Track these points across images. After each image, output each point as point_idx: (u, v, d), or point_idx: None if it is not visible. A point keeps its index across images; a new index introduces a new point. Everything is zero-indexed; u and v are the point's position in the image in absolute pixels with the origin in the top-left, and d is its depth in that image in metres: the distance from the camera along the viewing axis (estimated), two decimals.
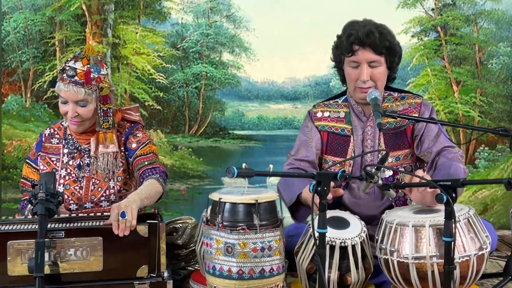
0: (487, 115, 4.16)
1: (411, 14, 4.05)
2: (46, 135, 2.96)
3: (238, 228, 2.28)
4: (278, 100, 4.17)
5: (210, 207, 2.42)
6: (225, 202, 2.33)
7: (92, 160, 2.87)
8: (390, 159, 2.81)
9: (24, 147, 4.13)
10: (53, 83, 2.82)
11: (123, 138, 2.91)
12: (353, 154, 2.86)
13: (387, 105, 2.89)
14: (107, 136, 2.86)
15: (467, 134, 4.14)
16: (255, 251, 2.28)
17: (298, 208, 2.70)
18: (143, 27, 4.11)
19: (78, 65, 2.77)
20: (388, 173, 2.83)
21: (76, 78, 2.75)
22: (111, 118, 2.86)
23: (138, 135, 2.91)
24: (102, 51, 4.11)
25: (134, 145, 2.88)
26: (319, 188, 2.09)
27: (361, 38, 2.75)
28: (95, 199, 2.84)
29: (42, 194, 2.35)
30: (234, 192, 2.43)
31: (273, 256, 2.30)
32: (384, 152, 2.43)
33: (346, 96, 2.98)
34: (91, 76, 2.77)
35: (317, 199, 2.15)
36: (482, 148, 4.18)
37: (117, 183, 2.87)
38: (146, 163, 2.83)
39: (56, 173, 2.83)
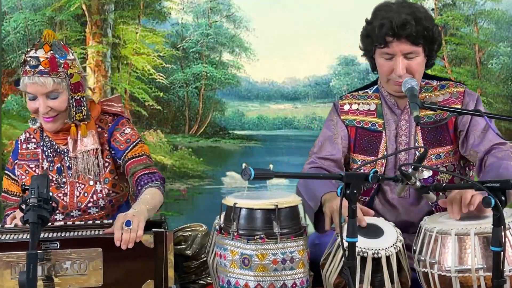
0: None
1: None
2: (22, 140, 2.69)
3: (255, 237, 2.02)
4: (278, 100, 4.17)
5: (223, 213, 2.16)
6: (240, 208, 2.07)
7: (72, 162, 2.57)
8: (429, 158, 2.50)
9: None
10: (16, 82, 2.54)
11: (106, 135, 2.60)
12: (385, 152, 2.54)
13: (425, 95, 2.56)
14: (80, 129, 2.54)
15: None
16: (275, 263, 2.02)
17: (321, 216, 2.37)
18: (143, 27, 4.11)
19: (40, 53, 2.46)
20: (427, 173, 2.51)
21: (40, 67, 2.44)
22: (85, 108, 2.53)
23: (126, 131, 2.60)
24: (102, 51, 4.11)
25: (122, 145, 2.58)
26: (347, 192, 1.85)
27: (395, 30, 2.42)
28: (82, 206, 2.56)
29: (34, 200, 2.06)
30: (251, 196, 2.18)
31: (296, 268, 2.05)
32: (422, 150, 2.20)
33: (377, 85, 2.65)
34: (57, 62, 2.46)
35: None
36: None
37: (105, 186, 2.57)
38: (141, 167, 2.54)
39: None
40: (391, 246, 2.14)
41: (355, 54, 4.06)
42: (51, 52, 2.48)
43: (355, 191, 1.85)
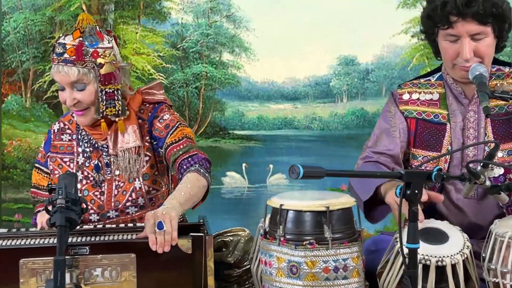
0: None
1: (411, 14, 4.04)
2: (55, 131, 2.48)
3: (304, 243, 1.84)
4: (278, 100, 4.17)
5: (268, 216, 1.98)
6: (287, 210, 1.89)
7: (112, 159, 2.37)
8: (500, 154, 2.23)
9: (24, 147, 4.12)
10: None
11: (146, 126, 2.39)
12: (450, 147, 2.29)
13: (495, 83, 2.31)
14: (115, 126, 2.30)
15: None
16: (327, 271, 1.84)
17: (374, 206, 2.21)
18: (143, 27, 4.11)
19: (68, 40, 2.26)
20: (498, 171, 2.24)
21: (65, 55, 2.24)
22: (119, 103, 2.30)
23: (165, 117, 2.38)
24: None
25: (162, 132, 2.35)
26: (408, 192, 1.67)
27: (460, 8, 2.15)
28: (120, 206, 2.37)
29: (62, 201, 1.87)
30: (299, 197, 2.02)
31: (350, 278, 1.86)
32: (492, 145, 2.00)
33: (441, 72, 2.41)
34: (83, 50, 2.24)
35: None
36: None
37: (145, 183, 2.37)
38: (180, 152, 2.30)
39: None
40: (457, 253, 1.94)
41: (355, 54, 4.06)
42: (80, 39, 2.25)
43: (416, 191, 1.66)
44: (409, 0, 4.05)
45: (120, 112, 2.31)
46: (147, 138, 2.38)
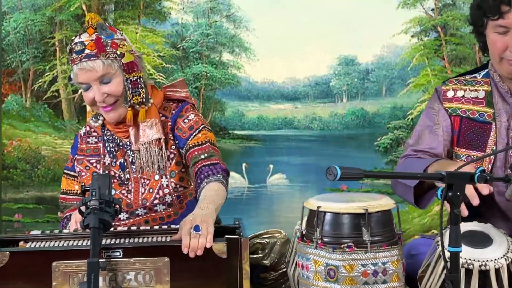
0: None
1: (411, 14, 4.05)
2: (82, 134, 2.49)
3: (342, 246, 1.80)
4: (278, 100, 4.17)
5: (305, 218, 1.94)
6: (325, 212, 1.84)
7: (135, 155, 2.35)
8: None
9: (24, 147, 4.12)
10: (68, 78, 2.36)
11: (170, 123, 2.37)
12: (494, 148, 2.22)
13: None
14: (139, 114, 2.29)
15: None
16: (366, 275, 1.79)
17: (421, 194, 2.14)
18: (143, 27, 4.11)
19: (84, 37, 2.26)
20: None
21: (86, 51, 2.22)
22: (143, 90, 2.29)
23: (189, 117, 2.36)
24: None
25: (185, 133, 2.33)
26: (449, 194, 1.62)
27: None
28: (147, 204, 2.34)
29: (95, 202, 1.83)
30: (337, 198, 1.94)
31: (390, 282, 1.80)
32: None
33: (487, 70, 2.33)
34: (103, 42, 2.24)
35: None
36: None
37: (171, 180, 2.34)
38: (202, 157, 2.28)
39: None
40: (502, 257, 1.86)
41: (355, 54, 4.06)
42: (96, 33, 2.25)
43: (458, 193, 1.61)
44: (409, 0, 4.06)
45: (144, 99, 2.30)
46: (171, 136, 2.36)
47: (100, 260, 1.76)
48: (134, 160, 2.35)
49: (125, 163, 2.38)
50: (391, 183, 2.33)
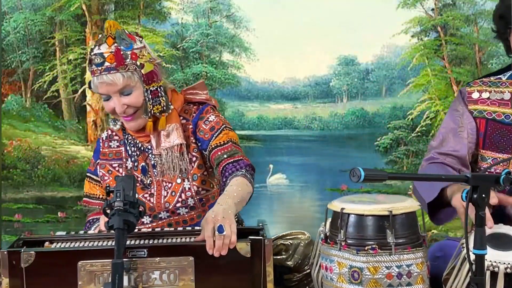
0: None
1: (411, 14, 4.05)
2: (104, 138, 2.49)
3: (366, 248, 1.79)
4: (278, 100, 4.17)
5: (329, 220, 1.93)
6: (349, 214, 1.84)
7: (157, 159, 2.35)
8: None
9: (24, 147, 4.13)
10: (89, 84, 2.32)
11: (190, 126, 2.36)
12: None
13: None
14: (159, 123, 2.28)
15: None
16: (390, 277, 1.78)
17: (439, 207, 2.12)
18: (143, 27, 4.11)
19: (104, 48, 2.22)
20: None
21: (106, 64, 2.20)
22: (163, 99, 2.28)
23: (210, 119, 2.35)
24: None
25: (207, 135, 2.32)
26: (474, 196, 1.60)
27: None
28: (170, 207, 2.34)
29: (120, 204, 1.84)
30: (361, 200, 1.94)
31: (414, 284, 1.80)
32: None
33: None
34: (122, 54, 2.21)
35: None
36: None
37: (194, 183, 2.33)
38: (225, 156, 2.28)
39: None
40: None
41: (355, 54, 4.06)
42: (115, 44, 2.22)
43: (483, 195, 1.59)
44: (409, 0, 4.06)
45: (165, 108, 2.30)
46: (192, 139, 2.36)
47: (124, 260, 1.77)
48: (155, 164, 2.35)
49: (147, 167, 2.38)
50: (412, 188, 2.32)
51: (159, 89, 2.28)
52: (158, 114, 2.30)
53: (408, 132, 4.03)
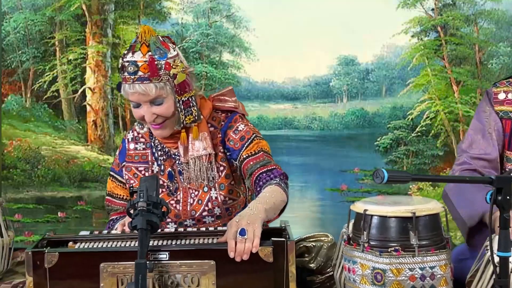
0: None
1: (411, 14, 4.05)
2: (129, 139, 2.42)
3: (389, 249, 1.77)
4: (278, 100, 4.17)
5: (352, 221, 1.91)
6: (372, 215, 1.82)
7: (184, 167, 2.31)
8: None
9: (24, 147, 4.13)
10: (117, 86, 2.28)
11: (219, 135, 2.32)
12: None
13: None
14: (191, 132, 2.25)
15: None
16: (413, 279, 1.75)
17: (475, 230, 2.09)
18: None
19: (138, 56, 2.17)
20: None
21: (139, 73, 2.15)
22: (195, 109, 2.25)
23: (239, 128, 2.31)
24: (102, 51, 4.10)
25: (237, 144, 2.29)
26: (499, 198, 1.60)
27: None
28: (196, 215, 2.31)
29: (143, 204, 1.83)
30: (384, 202, 1.93)
31: (437, 286, 1.78)
32: None
33: None
34: (157, 64, 2.17)
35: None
36: None
37: (220, 193, 2.30)
38: (258, 166, 2.25)
39: None
40: None
41: (355, 54, 4.06)
42: (150, 53, 2.18)
43: (508, 197, 1.59)
44: (409, 0, 4.06)
45: (196, 117, 2.27)
46: (221, 148, 2.32)
47: (147, 261, 1.75)
48: (182, 171, 2.32)
49: (173, 173, 2.34)
50: (442, 193, 2.28)
51: (190, 99, 2.24)
52: (189, 124, 2.27)
53: (408, 132, 4.03)
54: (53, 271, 1.90)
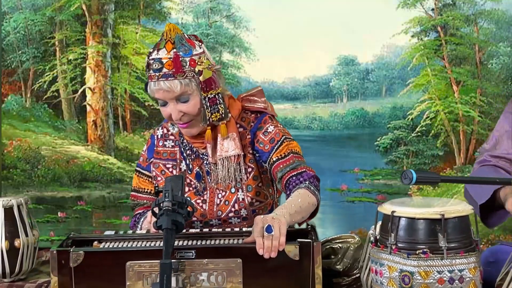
0: (487, 115, 4.17)
1: (411, 14, 4.05)
2: (158, 136, 2.41)
3: (417, 252, 1.74)
4: (278, 100, 4.16)
5: (379, 223, 1.88)
6: (399, 217, 1.78)
7: (212, 168, 2.29)
8: None
9: (24, 147, 4.13)
10: (146, 86, 2.27)
11: (248, 136, 2.30)
12: None
13: None
14: (218, 130, 2.23)
15: (467, 134, 4.15)
16: (441, 282, 1.72)
17: (491, 210, 2.09)
18: (143, 27, 4.11)
19: (162, 54, 2.17)
20: None
21: (164, 70, 2.15)
22: (222, 106, 2.23)
23: (269, 129, 2.29)
24: (102, 51, 4.10)
25: (267, 146, 2.26)
26: None
27: None
28: (222, 216, 2.29)
29: (168, 203, 1.83)
30: (412, 203, 1.91)
31: None
32: None
33: None
34: (181, 61, 2.15)
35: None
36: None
37: (248, 194, 2.28)
38: (288, 169, 2.22)
39: None
40: None
41: (355, 54, 4.06)
42: (174, 50, 2.16)
43: None
44: (409, 0, 4.06)
45: (223, 115, 2.24)
46: (249, 149, 2.29)
47: (172, 261, 1.75)
48: (210, 171, 2.30)
49: (201, 173, 2.32)
50: (464, 191, 2.27)
51: (217, 96, 2.22)
52: (215, 122, 2.25)
53: (408, 132, 4.03)
54: (78, 271, 1.89)
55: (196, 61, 2.18)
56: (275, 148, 2.26)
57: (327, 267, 2.22)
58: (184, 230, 1.97)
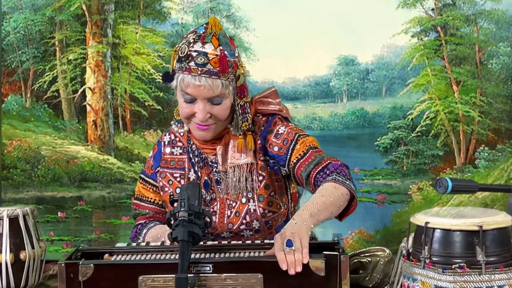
0: (487, 115, 4.17)
1: (411, 14, 4.05)
2: (165, 143, 2.27)
3: (453, 266, 1.62)
4: None
5: (412, 235, 1.77)
6: (434, 228, 1.67)
7: (222, 176, 2.16)
8: None
9: (24, 147, 4.13)
10: (164, 76, 2.11)
11: (259, 141, 2.15)
12: None
13: None
14: (247, 141, 2.09)
15: (467, 134, 4.15)
16: None
17: None
18: (143, 27, 4.11)
19: (209, 49, 2.01)
20: None
21: (209, 66, 1.99)
22: (250, 116, 2.10)
23: (280, 131, 2.14)
24: (102, 51, 4.10)
25: (282, 149, 2.11)
26: None
27: None
28: (233, 228, 2.16)
29: (184, 214, 1.70)
30: (448, 214, 1.77)
31: None
32: None
33: None
34: (228, 61, 2.01)
35: None
36: (482, 148, 4.19)
37: (259, 205, 2.13)
38: (311, 167, 2.06)
39: None
40: None
41: (355, 54, 4.06)
42: (221, 48, 2.03)
43: None
44: (409, 0, 4.06)
45: (250, 125, 2.12)
46: (261, 155, 2.15)
47: (188, 275, 1.63)
48: (220, 180, 2.17)
49: (210, 182, 2.18)
50: (509, 205, 2.11)
51: (246, 105, 2.10)
52: (245, 131, 2.11)
53: (408, 132, 4.03)
54: (88, 285, 1.77)
55: (238, 65, 2.07)
56: (291, 148, 2.12)
57: (355, 282, 2.10)
58: (201, 242, 1.84)
